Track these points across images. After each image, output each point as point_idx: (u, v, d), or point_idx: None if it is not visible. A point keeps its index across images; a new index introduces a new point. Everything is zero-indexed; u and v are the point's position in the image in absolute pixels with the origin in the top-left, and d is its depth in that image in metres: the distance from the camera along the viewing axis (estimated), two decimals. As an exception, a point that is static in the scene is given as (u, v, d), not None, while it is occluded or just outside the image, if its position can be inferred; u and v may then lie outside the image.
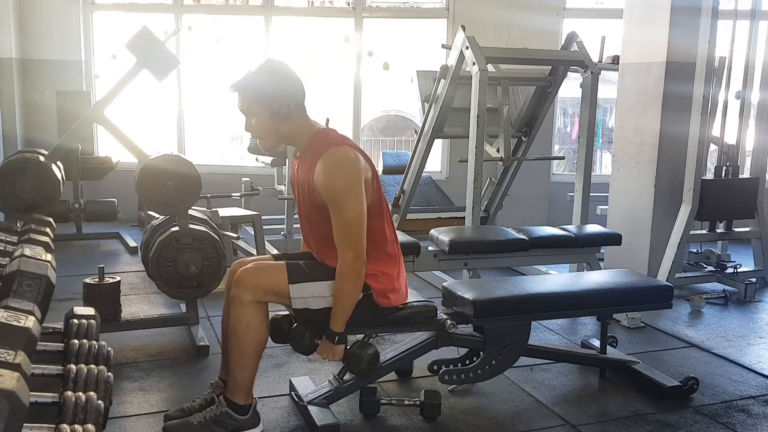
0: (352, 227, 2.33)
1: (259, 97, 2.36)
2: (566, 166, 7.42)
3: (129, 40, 3.44)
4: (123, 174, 5.46)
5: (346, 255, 2.34)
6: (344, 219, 2.33)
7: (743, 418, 2.76)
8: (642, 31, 4.53)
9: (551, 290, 2.99)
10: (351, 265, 2.34)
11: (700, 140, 4.32)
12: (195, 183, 3.35)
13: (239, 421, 2.43)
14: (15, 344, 1.64)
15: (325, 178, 2.32)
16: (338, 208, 2.33)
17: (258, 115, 2.39)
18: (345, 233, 2.34)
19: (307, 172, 2.41)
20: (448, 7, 6.75)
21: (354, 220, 2.33)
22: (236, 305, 2.38)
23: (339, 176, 2.33)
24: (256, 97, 2.37)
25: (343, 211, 2.33)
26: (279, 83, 2.38)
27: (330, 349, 2.45)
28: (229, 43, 7.14)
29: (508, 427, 2.66)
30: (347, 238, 2.34)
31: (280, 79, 2.40)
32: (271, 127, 2.41)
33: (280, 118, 2.38)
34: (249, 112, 2.41)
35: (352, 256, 2.34)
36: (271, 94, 2.36)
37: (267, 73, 2.39)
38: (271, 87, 2.36)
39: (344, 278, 2.36)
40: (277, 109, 2.36)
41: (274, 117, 2.38)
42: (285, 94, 2.38)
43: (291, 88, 2.41)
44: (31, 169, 3.33)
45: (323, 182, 2.33)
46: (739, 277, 4.61)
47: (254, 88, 2.37)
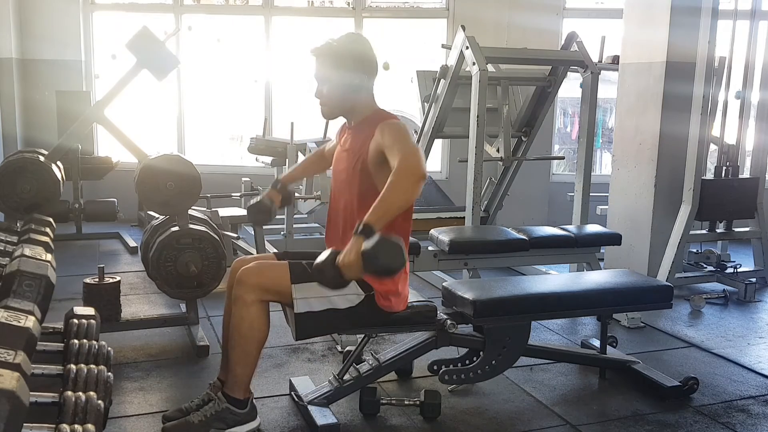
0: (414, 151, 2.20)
1: (338, 65, 2.42)
2: (566, 166, 7.42)
3: (129, 40, 3.44)
4: (123, 174, 5.45)
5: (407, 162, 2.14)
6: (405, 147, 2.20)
7: (743, 418, 2.76)
8: (642, 31, 4.53)
9: (551, 290, 2.99)
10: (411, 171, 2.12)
11: (700, 140, 4.32)
12: (195, 183, 3.35)
13: (239, 415, 2.44)
14: (15, 344, 1.64)
15: (387, 129, 2.30)
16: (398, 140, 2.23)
17: (331, 83, 2.44)
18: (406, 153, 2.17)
19: (363, 139, 2.41)
20: (448, 7, 6.75)
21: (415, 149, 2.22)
22: (239, 304, 2.38)
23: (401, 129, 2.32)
24: (335, 65, 2.42)
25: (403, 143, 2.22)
26: (359, 56, 2.44)
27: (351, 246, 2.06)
28: (229, 43, 7.14)
29: (508, 427, 2.66)
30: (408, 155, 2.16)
31: (360, 52, 2.45)
32: (341, 97, 2.46)
33: (353, 89, 2.44)
34: (323, 79, 2.46)
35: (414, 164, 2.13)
36: (350, 65, 2.41)
37: (349, 45, 2.45)
38: (351, 58, 2.42)
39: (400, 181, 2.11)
40: (350, 82, 2.42)
41: (345, 88, 2.44)
42: (362, 67, 2.44)
43: (368, 63, 2.46)
44: (31, 169, 3.33)
45: (385, 132, 2.29)
46: (739, 277, 4.61)
47: (334, 57, 2.42)
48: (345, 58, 2.42)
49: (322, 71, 2.46)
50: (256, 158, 5.92)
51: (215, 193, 5.11)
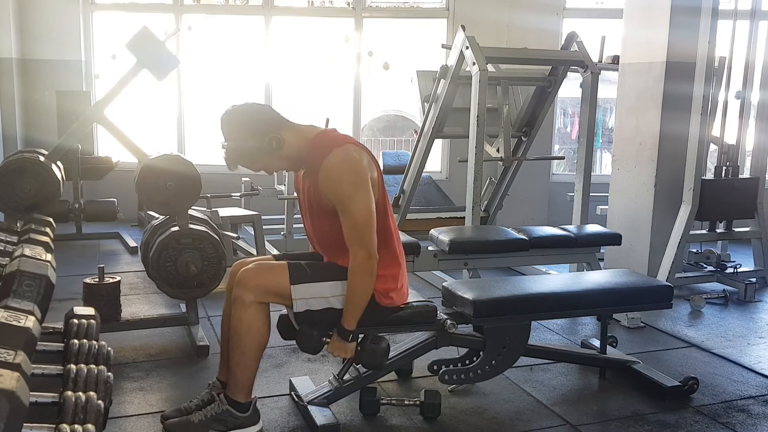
0: (363, 227, 2.33)
1: (253, 156, 2.41)
2: (566, 166, 7.42)
3: (129, 40, 3.44)
4: (123, 174, 5.46)
5: (358, 254, 2.34)
6: (354, 219, 2.33)
7: (743, 418, 2.76)
8: (642, 31, 4.53)
9: (551, 290, 2.99)
10: (363, 264, 2.34)
11: (700, 140, 4.31)
12: (195, 183, 3.35)
13: (240, 418, 2.44)
14: (15, 344, 1.64)
15: (331, 182, 2.33)
16: (347, 209, 2.33)
17: (264, 164, 2.45)
18: (355, 233, 2.34)
19: (312, 179, 2.41)
20: (448, 7, 6.75)
21: (364, 219, 2.33)
22: (238, 306, 2.39)
23: (344, 178, 2.33)
24: (252, 158, 2.42)
25: (352, 212, 2.32)
26: (251, 133, 2.39)
27: (342, 347, 2.45)
28: (229, 43, 7.14)
29: (508, 427, 2.66)
30: (358, 238, 2.34)
31: (246, 129, 2.40)
32: (283, 160, 2.45)
33: (278, 148, 2.40)
34: (257, 167, 2.46)
35: (364, 255, 2.34)
36: (257, 146, 2.38)
37: (235, 136, 2.40)
38: (250, 142, 2.38)
39: (357, 277, 2.36)
40: (270, 149, 2.39)
41: (274, 154, 2.41)
42: (263, 132, 2.38)
43: (260, 122, 2.41)
44: (31, 169, 3.33)
45: (329, 187, 2.33)
46: (739, 277, 4.61)
47: (242, 156, 2.42)
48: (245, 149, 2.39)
49: (252, 167, 2.46)
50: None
51: (215, 193, 5.11)
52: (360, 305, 2.41)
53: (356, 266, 2.36)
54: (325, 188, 2.35)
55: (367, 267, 2.35)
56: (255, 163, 2.45)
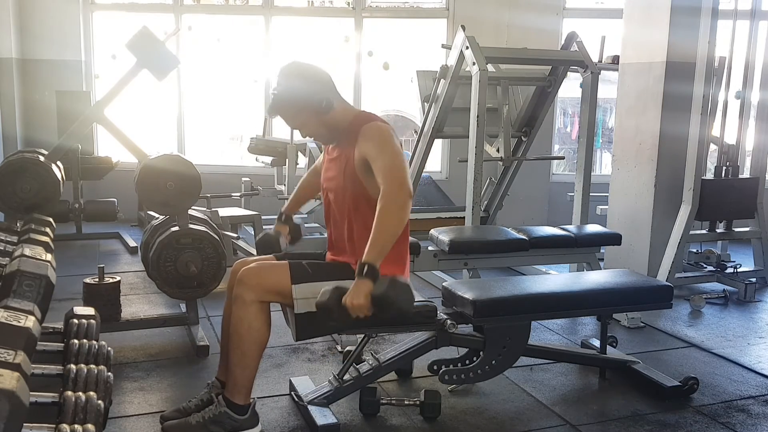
0: (398, 162, 2.25)
1: (299, 108, 2.40)
2: (566, 166, 7.42)
3: (129, 40, 3.44)
4: (123, 174, 5.47)
5: (391, 185, 2.19)
6: (389, 157, 2.24)
7: (743, 418, 2.76)
8: (642, 31, 4.53)
9: (551, 290, 2.99)
10: (397, 194, 2.18)
11: (700, 140, 4.32)
12: (195, 183, 3.35)
13: (238, 421, 2.42)
14: (15, 344, 1.64)
15: (370, 136, 2.31)
16: (382, 151, 2.26)
17: (305, 123, 2.43)
18: (390, 166, 2.23)
19: (348, 146, 2.40)
20: (448, 7, 6.75)
21: (399, 158, 2.26)
22: (238, 305, 2.38)
23: (383, 134, 2.32)
24: (297, 109, 2.40)
25: (387, 152, 2.26)
26: (307, 86, 2.39)
27: (358, 288, 2.12)
28: (229, 43, 7.14)
29: (508, 427, 2.66)
30: (392, 173, 2.21)
31: (304, 80, 2.41)
32: (323, 125, 2.44)
33: (325, 112, 2.40)
34: (297, 126, 2.45)
35: (398, 186, 2.19)
36: (306, 99, 2.38)
37: (290, 83, 2.40)
38: (303, 93, 2.38)
39: (388, 207, 2.17)
40: (318, 108, 2.38)
41: (320, 115, 2.40)
42: (317, 90, 2.39)
43: (318, 82, 2.42)
44: (31, 169, 3.33)
45: (366, 142, 2.31)
46: (739, 277, 4.61)
47: (288, 104, 2.40)
48: (299, 96, 2.38)
49: (290, 121, 2.45)
50: (256, 158, 5.92)
51: (215, 193, 5.12)
52: (388, 240, 2.17)
53: (388, 197, 2.17)
54: (362, 145, 2.31)
55: (401, 198, 2.18)
56: (296, 117, 2.42)
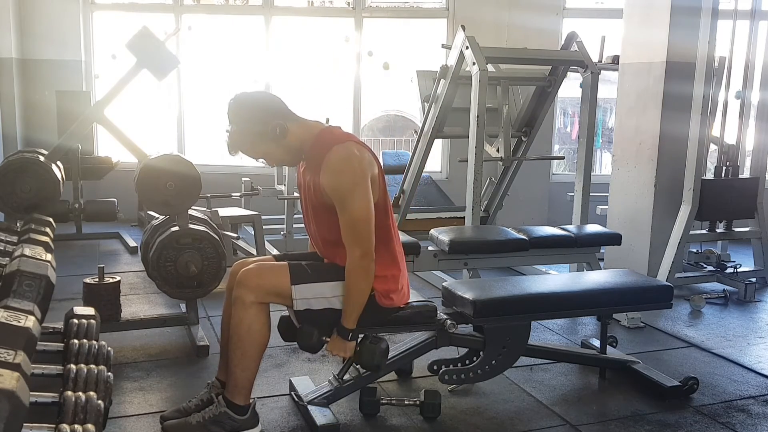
0: (360, 225, 2.33)
1: (255, 141, 2.39)
2: (566, 166, 7.42)
3: (129, 40, 3.44)
4: (123, 174, 5.46)
5: (354, 253, 2.35)
6: (352, 217, 2.33)
7: (743, 418, 2.76)
8: (642, 31, 4.53)
9: (551, 290, 2.99)
10: (360, 262, 2.35)
11: (700, 140, 4.31)
12: (195, 183, 3.35)
13: (238, 421, 2.42)
14: (15, 344, 1.64)
15: (331, 177, 2.33)
16: (345, 206, 2.33)
17: (265, 153, 2.43)
18: (353, 231, 2.34)
19: (313, 172, 2.41)
20: (448, 7, 6.75)
21: (361, 217, 2.33)
22: (238, 306, 2.38)
23: (344, 174, 2.33)
24: (253, 143, 2.40)
25: (350, 209, 2.33)
26: (256, 117, 2.38)
27: (341, 346, 2.45)
28: (229, 43, 7.14)
29: (508, 427, 2.66)
30: (355, 236, 2.34)
31: (252, 112, 2.39)
32: (284, 151, 2.44)
33: (282, 137, 2.39)
34: (258, 155, 2.45)
35: (360, 254, 2.34)
36: (260, 130, 2.37)
37: (239, 119, 2.39)
38: (254, 126, 2.37)
39: (354, 276, 2.37)
40: (274, 135, 2.37)
41: (278, 141, 2.40)
42: (267, 119, 2.38)
43: (266, 110, 2.41)
44: (31, 169, 3.33)
45: (329, 182, 2.34)
46: (739, 277, 4.61)
47: (244, 139, 2.40)
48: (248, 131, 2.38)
49: (253, 154, 2.44)
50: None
51: (215, 193, 5.11)
52: (358, 304, 2.41)
53: (353, 266, 2.36)
54: (326, 184, 2.35)
55: (364, 266, 2.36)
56: (256, 150, 2.43)
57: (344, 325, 2.43)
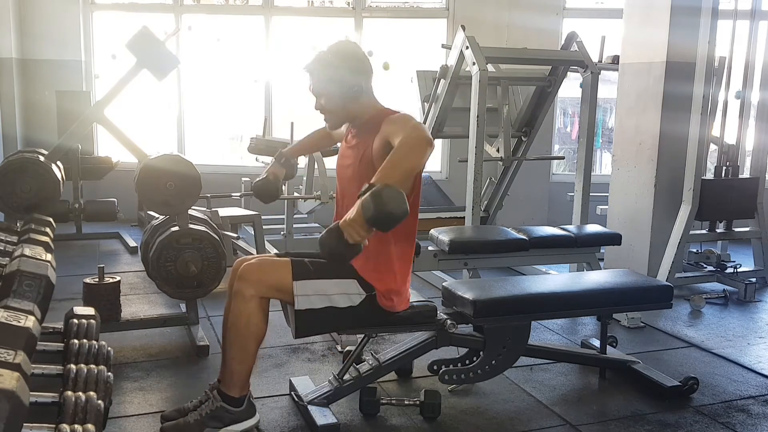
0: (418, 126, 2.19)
1: (331, 78, 2.40)
2: (566, 166, 7.42)
3: (129, 40, 3.44)
4: (123, 174, 5.47)
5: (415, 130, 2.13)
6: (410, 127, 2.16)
7: (743, 418, 2.76)
8: (642, 31, 4.53)
9: (551, 290, 2.99)
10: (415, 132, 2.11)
11: (700, 140, 4.31)
12: (195, 183, 3.35)
13: (235, 413, 2.43)
14: (15, 344, 1.64)
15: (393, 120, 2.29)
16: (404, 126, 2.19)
17: (328, 95, 2.43)
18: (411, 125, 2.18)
19: (368, 135, 2.39)
20: (448, 7, 6.75)
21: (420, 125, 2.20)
22: (238, 299, 2.38)
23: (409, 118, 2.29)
24: (329, 78, 2.41)
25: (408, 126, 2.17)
26: (350, 64, 2.41)
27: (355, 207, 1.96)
28: (229, 43, 7.14)
29: (508, 427, 2.66)
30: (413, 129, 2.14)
31: (351, 59, 2.43)
32: (341, 107, 2.45)
33: (351, 97, 2.42)
34: (320, 93, 2.45)
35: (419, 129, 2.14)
36: (343, 75, 2.39)
37: (338, 55, 2.42)
38: (343, 68, 2.40)
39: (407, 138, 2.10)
40: (348, 90, 2.40)
41: (344, 97, 2.41)
42: (356, 74, 2.41)
43: (361, 68, 2.44)
44: (31, 169, 3.33)
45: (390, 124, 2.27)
46: (739, 277, 4.61)
47: (326, 70, 2.41)
48: (336, 66, 2.40)
49: (317, 85, 2.44)
50: (256, 158, 5.91)
51: (215, 193, 5.11)
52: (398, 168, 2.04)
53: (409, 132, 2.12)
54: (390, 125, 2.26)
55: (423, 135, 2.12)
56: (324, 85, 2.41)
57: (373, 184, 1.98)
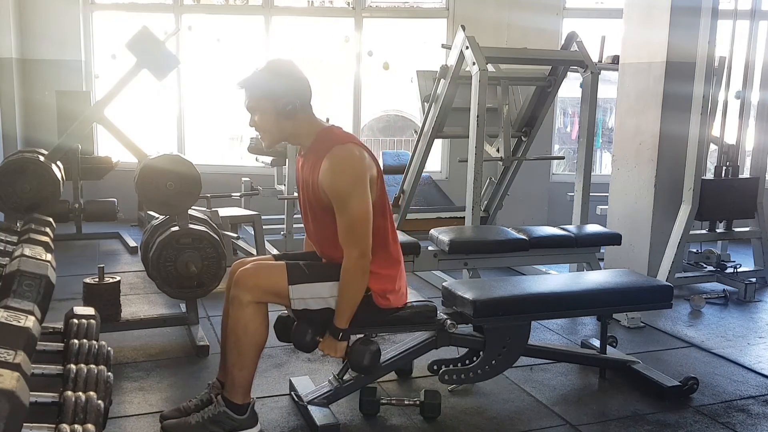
0: (357, 225, 2.34)
1: (265, 94, 2.39)
2: (566, 166, 7.42)
3: (129, 40, 3.44)
4: (123, 174, 5.45)
5: (351, 253, 2.36)
6: (349, 217, 2.34)
7: (743, 418, 2.76)
8: (642, 31, 4.53)
9: (551, 290, 2.99)
10: (356, 263, 2.36)
11: (700, 140, 4.31)
12: (195, 183, 3.35)
13: (237, 420, 2.43)
14: (15, 344, 1.64)
15: (330, 176, 2.33)
16: (343, 206, 2.34)
17: (263, 112, 2.41)
18: (350, 232, 2.35)
19: (312, 170, 2.41)
20: (448, 7, 6.75)
21: (359, 218, 2.34)
22: (235, 306, 2.38)
23: (344, 175, 2.34)
24: (263, 94, 2.39)
25: (348, 209, 2.34)
26: (285, 82, 2.40)
27: (333, 346, 2.46)
28: (229, 43, 7.14)
29: (508, 427, 2.66)
30: (352, 237, 2.35)
31: (287, 77, 2.42)
32: (275, 125, 2.43)
33: (285, 116, 2.40)
34: (254, 109, 2.43)
35: (357, 254, 2.35)
36: (277, 92, 2.38)
37: (273, 72, 2.41)
38: (277, 85, 2.39)
39: (350, 276, 2.38)
40: (282, 107, 2.38)
41: (279, 115, 2.40)
42: (290, 92, 2.39)
43: (297, 86, 2.42)
44: (31, 169, 3.33)
45: (328, 181, 2.34)
46: (739, 277, 4.61)
47: (261, 86, 2.40)
48: (272, 85, 2.38)
49: (252, 102, 2.42)
50: (256, 158, 5.92)
51: (215, 193, 5.11)
52: (351, 304, 2.41)
53: (349, 265, 2.37)
54: (324, 183, 2.35)
55: (360, 266, 2.36)
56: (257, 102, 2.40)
57: (336, 324, 2.43)
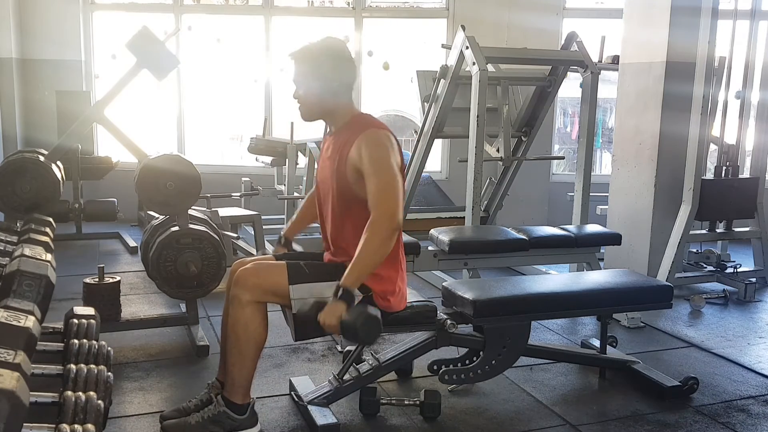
0: (392, 189, 2.29)
1: (315, 68, 2.42)
2: (566, 166, 7.42)
3: (129, 40, 3.44)
4: (123, 174, 5.46)
5: (381, 216, 2.24)
6: (382, 181, 2.29)
7: (743, 418, 2.76)
8: (642, 31, 4.53)
9: (551, 290, 2.99)
10: (385, 227, 2.24)
11: (700, 140, 4.31)
12: (195, 183, 3.35)
13: (237, 420, 2.43)
14: (15, 344, 1.64)
15: (365, 148, 2.33)
16: (377, 171, 2.30)
17: (308, 86, 2.45)
18: (384, 193, 2.28)
19: (342, 147, 2.42)
20: (448, 7, 6.75)
21: (392, 183, 2.30)
22: (235, 305, 2.38)
23: (381, 147, 2.35)
24: (311, 69, 2.43)
25: (382, 173, 2.30)
26: (335, 61, 2.44)
27: (331, 309, 2.21)
28: (229, 43, 7.14)
29: (508, 427, 2.66)
30: (387, 198, 2.28)
31: (337, 57, 2.45)
32: (318, 100, 2.46)
33: (330, 92, 2.44)
34: (300, 82, 2.47)
35: (387, 218, 2.25)
36: (325, 69, 2.42)
37: (327, 48, 2.45)
38: (327, 62, 2.42)
39: (374, 233, 2.23)
40: (328, 85, 2.42)
41: (322, 91, 2.43)
42: (339, 71, 2.43)
43: (345, 67, 2.46)
44: (31, 169, 3.33)
45: (363, 151, 2.33)
46: (739, 277, 4.61)
47: (311, 60, 2.43)
48: (322, 60, 2.42)
49: (299, 74, 2.46)
50: (256, 158, 5.92)
51: (215, 193, 5.12)
52: (367, 266, 2.26)
53: (376, 225, 2.23)
54: (357, 154, 2.34)
55: (388, 228, 2.24)
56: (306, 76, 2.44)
57: (341, 282, 2.23)
